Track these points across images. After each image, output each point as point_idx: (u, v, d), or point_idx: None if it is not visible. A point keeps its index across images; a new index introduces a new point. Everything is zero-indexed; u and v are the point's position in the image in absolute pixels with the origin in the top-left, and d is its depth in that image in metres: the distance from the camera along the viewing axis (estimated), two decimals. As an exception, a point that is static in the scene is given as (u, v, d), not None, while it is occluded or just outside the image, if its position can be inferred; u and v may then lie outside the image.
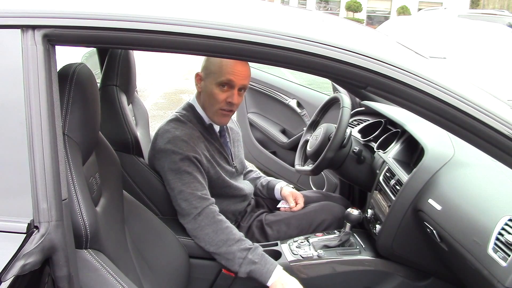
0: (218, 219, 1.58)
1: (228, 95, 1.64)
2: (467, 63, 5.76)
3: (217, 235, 1.55)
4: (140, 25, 0.89)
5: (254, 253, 1.53)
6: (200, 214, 1.57)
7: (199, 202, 1.58)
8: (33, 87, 0.87)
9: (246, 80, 1.65)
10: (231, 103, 1.65)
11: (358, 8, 31.68)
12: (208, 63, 1.66)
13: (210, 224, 1.56)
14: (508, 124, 0.94)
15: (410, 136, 1.82)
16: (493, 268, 1.16)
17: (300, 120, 2.76)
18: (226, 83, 1.62)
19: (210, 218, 1.57)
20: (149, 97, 7.08)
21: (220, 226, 1.56)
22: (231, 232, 1.56)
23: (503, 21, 8.37)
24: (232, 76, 1.61)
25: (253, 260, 1.51)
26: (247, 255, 1.52)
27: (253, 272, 1.50)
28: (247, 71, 1.65)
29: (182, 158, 1.60)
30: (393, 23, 8.34)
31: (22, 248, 0.84)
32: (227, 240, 1.54)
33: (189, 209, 1.58)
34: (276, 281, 1.49)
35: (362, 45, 0.97)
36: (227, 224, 1.59)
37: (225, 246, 1.54)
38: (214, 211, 1.59)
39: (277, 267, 1.52)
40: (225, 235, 1.55)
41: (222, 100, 1.65)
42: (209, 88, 1.66)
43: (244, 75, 1.64)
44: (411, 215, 1.58)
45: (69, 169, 0.99)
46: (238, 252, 1.52)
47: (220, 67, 1.61)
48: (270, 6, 1.24)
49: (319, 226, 1.87)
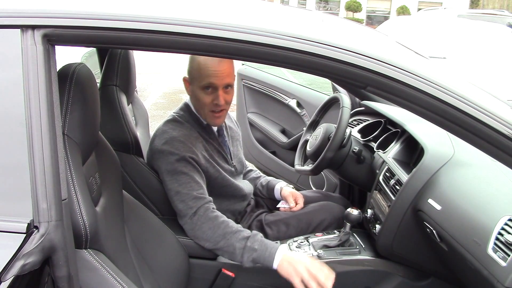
0: (213, 215, 1.58)
1: (213, 97, 1.63)
2: (467, 63, 5.77)
3: (214, 231, 1.55)
4: (140, 25, 0.89)
5: (253, 240, 1.51)
6: (196, 213, 1.57)
7: (194, 202, 1.58)
8: (33, 87, 0.87)
9: (228, 78, 1.63)
10: (217, 105, 1.64)
11: (358, 8, 31.70)
12: (190, 67, 1.65)
13: (205, 222, 1.56)
14: (508, 124, 0.94)
15: (410, 136, 1.82)
16: (492, 268, 1.16)
17: (300, 120, 2.75)
18: (209, 86, 1.62)
19: (205, 216, 1.57)
20: (149, 97, 7.08)
21: (216, 221, 1.56)
22: (227, 225, 1.56)
23: (503, 21, 8.39)
24: (212, 78, 1.60)
25: (253, 247, 1.50)
26: (246, 243, 1.51)
27: (257, 259, 1.49)
28: (228, 69, 1.63)
29: (178, 158, 1.60)
30: (393, 23, 8.35)
31: (22, 248, 0.84)
32: (225, 234, 1.54)
33: (185, 209, 1.58)
34: (281, 261, 1.46)
35: (362, 45, 0.97)
36: (223, 218, 1.58)
37: (224, 240, 1.54)
38: (208, 208, 1.58)
39: (279, 248, 1.49)
40: (222, 230, 1.55)
41: (209, 103, 1.64)
42: (195, 93, 1.66)
43: (225, 74, 1.61)
44: (411, 215, 1.58)
45: (69, 169, 0.99)
46: (237, 243, 1.52)
47: (199, 71, 1.60)
48: (270, 6, 1.24)
49: (318, 226, 1.87)
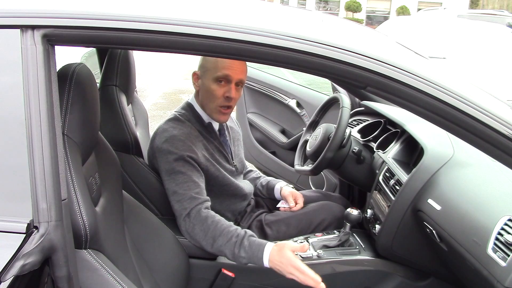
0: (203, 216, 1.56)
1: (226, 90, 1.65)
2: (467, 63, 5.77)
3: (205, 233, 1.54)
4: (140, 25, 0.89)
5: (241, 247, 1.49)
6: (189, 215, 1.57)
7: (188, 202, 1.57)
8: (32, 87, 0.87)
9: (242, 74, 1.66)
10: (229, 98, 1.65)
11: (358, 8, 31.69)
12: (204, 61, 1.69)
13: (197, 224, 1.56)
14: (508, 124, 0.94)
15: (409, 136, 1.82)
16: (492, 268, 1.16)
17: (300, 120, 2.76)
18: (223, 78, 1.64)
19: (196, 218, 1.56)
20: (149, 97, 7.08)
21: (206, 223, 1.54)
22: (216, 227, 1.53)
23: (503, 21, 8.38)
24: (228, 70, 1.62)
25: (241, 256, 1.49)
26: (234, 251, 1.49)
27: (249, 261, 1.49)
28: (243, 66, 1.67)
29: (177, 158, 1.60)
30: (393, 23, 8.34)
31: (22, 248, 0.84)
32: (214, 237, 1.53)
33: (180, 210, 1.58)
34: (270, 260, 1.44)
35: (362, 45, 0.97)
36: (212, 219, 1.56)
37: (215, 243, 1.53)
38: (200, 209, 1.57)
39: (265, 248, 1.46)
40: (211, 232, 1.53)
41: (220, 95, 1.65)
42: (206, 85, 1.67)
43: (241, 70, 1.65)
44: (411, 215, 1.58)
45: (68, 169, 0.99)
46: (226, 250, 1.51)
47: (216, 63, 1.63)
48: (270, 6, 1.24)
49: (318, 226, 1.87)
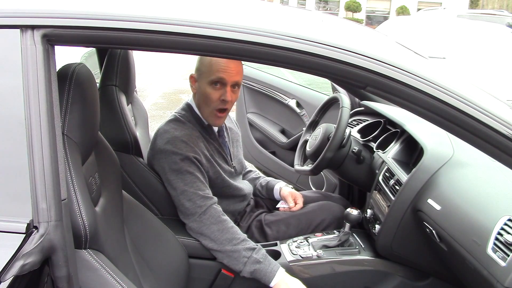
0: (223, 218, 1.60)
1: (221, 93, 1.64)
2: (467, 63, 5.77)
3: (222, 233, 1.57)
4: (140, 25, 0.89)
5: (259, 253, 1.55)
6: (205, 212, 1.58)
7: (203, 201, 1.59)
8: (32, 87, 0.87)
9: (237, 76, 1.65)
10: (224, 101, 1.65)
11: (358, 8, 31.68)
12: (199, 64, 1.67)
13: (215, 223, 1.58)
14: (507, 124, 0.94)
15: (409, 136, 1.82)
16: (492, 268, 1.16)
17: (300, 120, 2.76)
18: (218, 81, 1.63)
19: (215, 217, 1.58)
20: (149, 97, 7.08)
21: (226, 225, 1.58)
22: (236, 232, 1.58)
23: (503, 21, 8.40)
24: (222, 73, 1.61)
25: (258, 260, 1.52)
26: (252, 254, 1.53)
27: (257, 272, 1.52)
28: (238, 67, 1.65)
29: (183, 158, 1.60)
30: (393, 23, 8.35)
31: (22, 248, 0.84)
32: (233, 239, 1.56)
33: (194, 208, 1.59)
34: (279, 281, 1.51)
35: (362, 45, 0.97)
36: (232, 224, 1.61)
37: (231, 244, 1.55)
38: (219, 210, 1.61)
39: (280, 268, 1.54)
40: (231, 234, 1.57)
41: (216, 99, 1.65)
42: (202, 89, 1.67)
43: (235, 72, 1.64)
44: (411, 215, 1.58)
45: (68, 169, 0.99)
46: (244, 251, 1.54)
47: (210, 66, 1.62)
48: (269, 6, 1.24)
49: (318, 226, 1.87)
